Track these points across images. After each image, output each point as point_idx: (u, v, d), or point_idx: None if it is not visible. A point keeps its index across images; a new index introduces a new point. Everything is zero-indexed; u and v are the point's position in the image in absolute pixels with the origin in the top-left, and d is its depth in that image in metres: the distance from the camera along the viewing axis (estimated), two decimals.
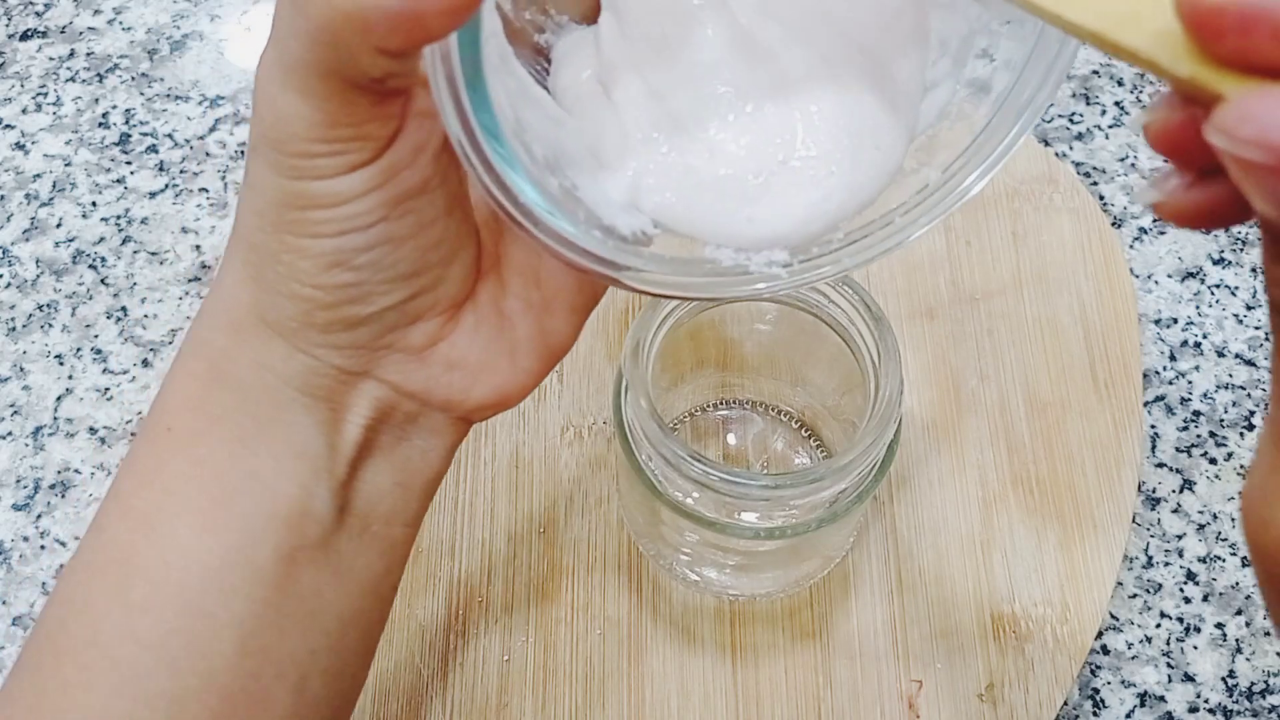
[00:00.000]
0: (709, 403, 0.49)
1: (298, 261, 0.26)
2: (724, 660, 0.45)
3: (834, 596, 0.46)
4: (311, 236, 0.25)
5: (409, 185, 0.26)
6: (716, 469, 0.36)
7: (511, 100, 0.25)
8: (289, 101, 0.24)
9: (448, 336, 0.29)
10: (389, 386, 0.29)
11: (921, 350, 0.51)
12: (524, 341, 0.30)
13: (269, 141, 0.25)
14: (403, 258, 0.26)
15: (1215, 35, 0.18)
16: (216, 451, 0.28)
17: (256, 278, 0.27)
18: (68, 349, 0.53)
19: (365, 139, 0.24)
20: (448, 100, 0.22)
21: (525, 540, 0.47)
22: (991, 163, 0.27)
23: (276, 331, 0.27)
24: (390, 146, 0.25)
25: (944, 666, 0.44)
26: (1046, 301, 0.52)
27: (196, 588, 0.27)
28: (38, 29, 0.62)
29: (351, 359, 0.28)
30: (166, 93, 0.60)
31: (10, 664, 0.46)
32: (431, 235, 0.27)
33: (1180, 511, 0.49)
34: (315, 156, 0.24)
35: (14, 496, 0.49)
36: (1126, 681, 0.45)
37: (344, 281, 0.26)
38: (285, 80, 0.23)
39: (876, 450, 0.37)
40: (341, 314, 0.27)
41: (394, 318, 0.27)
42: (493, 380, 0.30)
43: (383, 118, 0.24)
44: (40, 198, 0.57)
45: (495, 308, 0.29)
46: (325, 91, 0.23)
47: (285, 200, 0.25)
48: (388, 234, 0.26)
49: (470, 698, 0.44)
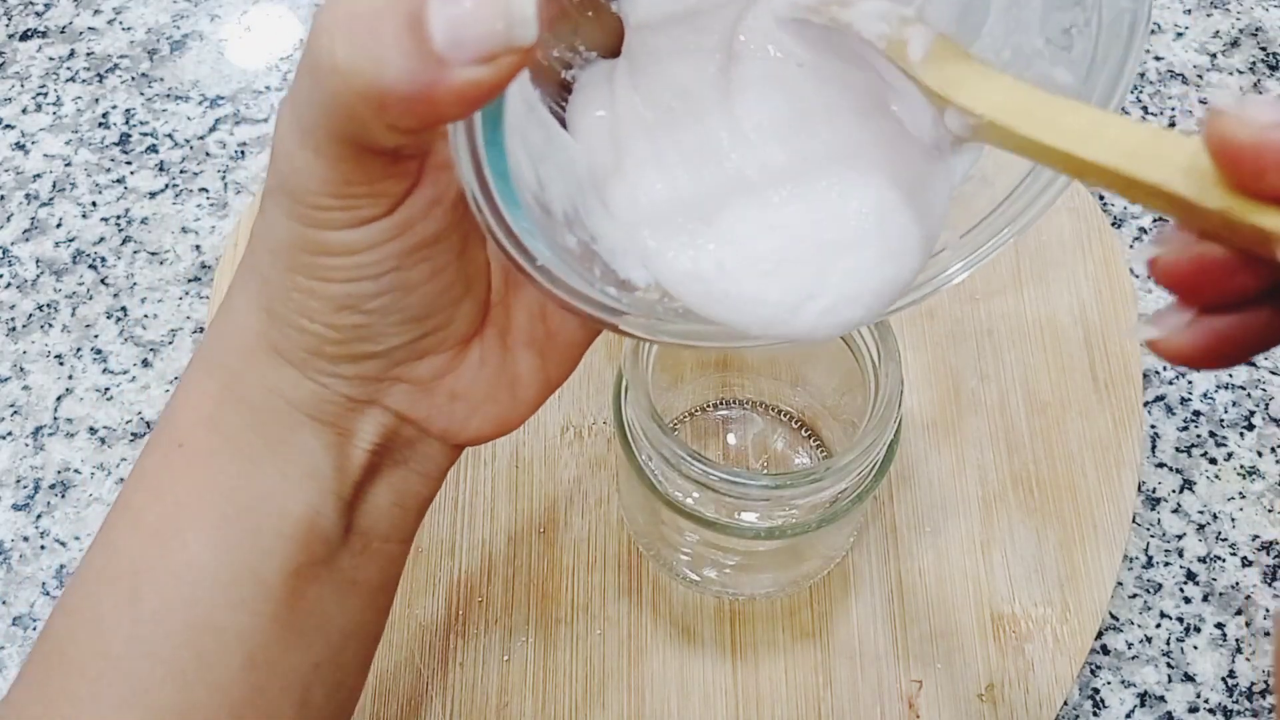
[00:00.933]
0: (709, 403, 0.49)
1: (308, 301, 0.26)
2: (724, 660, 0.45)
3: (834, 596, 0.46)
4: (322, 280, 0.25)
5: (423, 237, 0.25)
6: (716, 469, 0.36)
7: (534, 157, 0.25)
8: (304, 159, 0.24)
9: (454, 370, 0.29)
10: (393, 414, 0.29)
11: (921, 350, 0.51)
12: (526, 374, 0.30)
13: (285, 190, 0.25)
14: (414, 303, 0.27)
15: (1254, 173, 0.18)
16: (228, 469, 0.28)
17: (268, 309, 0.27)
18: (68, 349, 0.53)
19: (379, 195, 0.24)
20: (467, 167, 0.22)
21: (525, 540, 0.47)
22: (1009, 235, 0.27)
23: (286, 359, 0.27)
24: (404, 201, 0.25)
25: (944, 666, 0.44)
26: (1046, 301, 0.52)
27: (206, 601, 0.27)
28: (38, 29, 0.62)
29: (359, 389, 0.28)
30: (166, 93, 0.60)
31: (10, 663, 0.46)
32: (444, 280, 0.27)
33: (1180, 511, 0.49)
34: (329, 210, 0.24)
35: (14, 496, 0.49)
36: (1126, 681, 0.45)
37: (354, 323, 0.26)
38: (302, 140, 0.24)
39: (876, 450, 0.37)
40: (350, 350, 0.27)
41: (402, 354, 0.28)
42: (492, 411, 0.30)
43: (398, 176, 0.24)
44: (40, 198, 0.57)
45: (501, 342, 0.29)
46: (340, 154, 0.23)
47: (298, 244, 0.25)
48: (400, 282, 0.26)
49: (470, 698, 0.44)
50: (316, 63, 0.22)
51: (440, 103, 0.21)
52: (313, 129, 0.23)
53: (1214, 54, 0.61)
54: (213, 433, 0.28)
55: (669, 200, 0.26)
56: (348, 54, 0.21)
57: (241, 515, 0.28)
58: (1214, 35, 0.61)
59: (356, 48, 0.21)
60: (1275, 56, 0.60)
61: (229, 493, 0.28)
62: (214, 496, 0.28)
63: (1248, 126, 0.18)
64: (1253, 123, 0.18)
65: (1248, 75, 0.60)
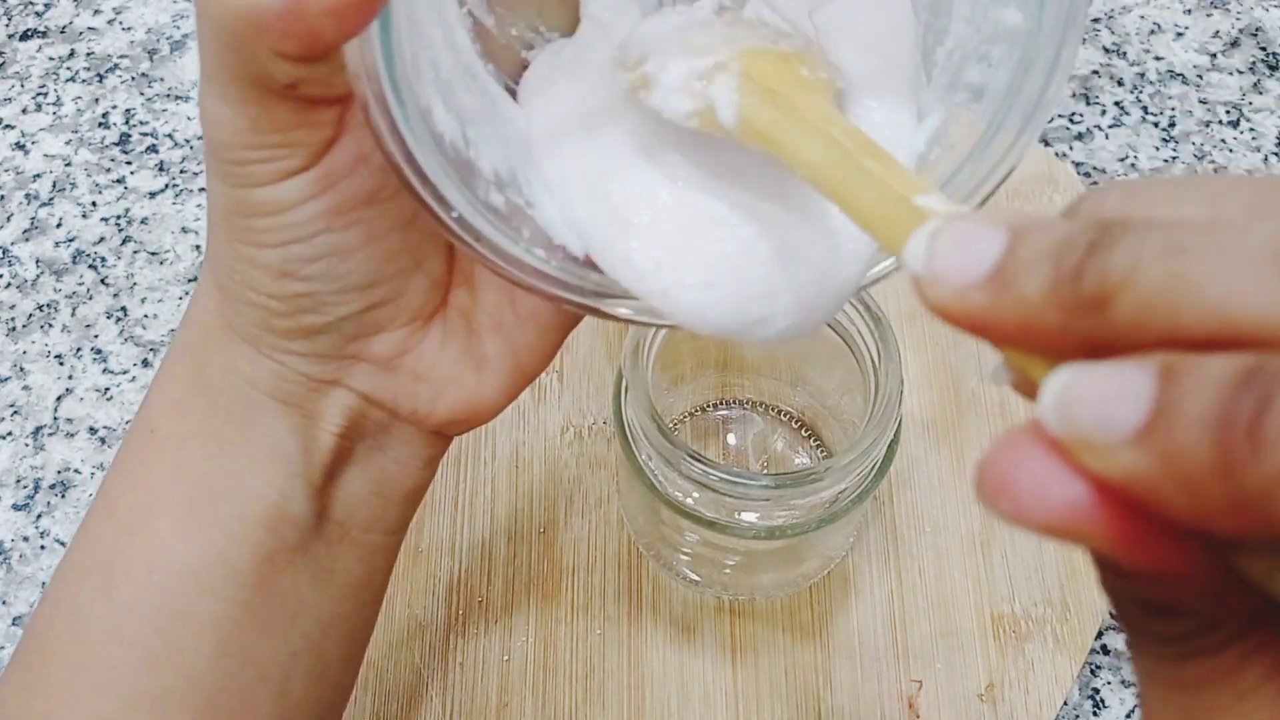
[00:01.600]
0: (709, 403, 0.49)
1: (249, 270, 0.26)
2: (724, 660, 0.45)
3: (834, 596, 0.46)
4: (258, 246, 0.25)
5: (351, 194, 0.25)
6: (716, 469, 0.36)
7: (463, 117, 0.24)
8: (215, 107, 0.24)
9: (414, 348, 0.29)
10: (358, 396, 0.29)
11: (921, 350, 0.51)
12: (493, 357, 0.29)
13: (210, 148, 0.25)
14: (353, 269, 0.26)
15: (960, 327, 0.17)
16: (196, 454, 0.28)
17: (220, 285, 0.27)
18: (68, 349, 0.53)
19: (295, 145, 0.24)
20: (376, 110, 0.22)
21: (525, 540, 0.47)
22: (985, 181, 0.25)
23: (242, 337, 0.27)
24: (326, 154, 0.25)
25: (944, 666, 0.44)
26: None
27: (177, 588, 0.27)
28: (38, 29, 0.62)
29: (317, 367, 0.28)
30: (166, 93, 0.60)
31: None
32: (385, 247, 0.27)
33: None
34: (248, 164, 0.24)
35: (14, 496, 0.49)
36: (1126, 681, 0.45)
37: (295, 291, 0.26)
38: (209, 86, 0.24)
39: (876, 450, 0.37)
40: (298, 322, 0.27)
41: (352, 327, 0.27)
42: (458, 394, 0.29)
43: (311, 124, 0.24)
44: (40, 198, 0.57)
45: (465, 321, 0.29)
46: (243, 97, 0.23)
47: (232, 208, 0.25)
48: (333, 245, 0.26)
49: (470, 698, 0.44)
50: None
51: (311, 16, 0.21)
52: (212, 72, 0.23)
53: (1214, 54, 0.61)
54: (181, 418, 0.28)
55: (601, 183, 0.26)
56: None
57: (210, 501, 0.28)
58: (1214, 35, 0.61)
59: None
60: (1275, 56, 0.60)
61: (198, 478, 0.28)
62: (183, 483, 0.28)
63: (935, 291, 0.17)
64: (938, 288, 0.17)
65: (1248, 75, 0.60)
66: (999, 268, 0.17)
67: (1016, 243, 0.17)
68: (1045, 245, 0.16)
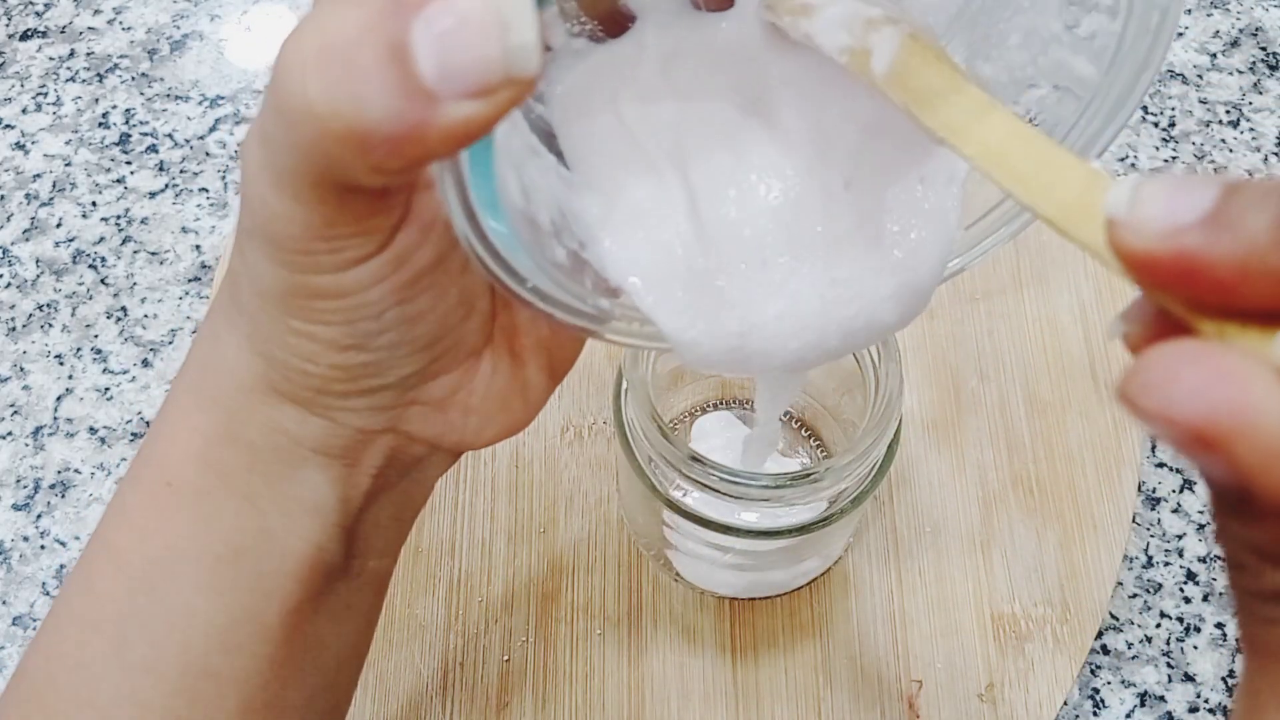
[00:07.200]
0: (709, 403, 0.49)
1: (307, 345, 0.24)
2: (724, 660, 0.45)
3: (834, 596, 0.46)
4: (321, 324, 0.23)
5: (422, 266, 0.24)
6: (716, 469, 0.36)
7: (516, 165, 0.23)
8: (281, 204, 0.21)
9: (467, 384, 0.27)
10: (404, 436, 0.27)
11: (921, 350, 0.51)
12: (534, 375, 0.28)
13: (264, 235, 0.22)
14: (422, 333, 0.25)
15: (1163, 285, 0.17)
16: (224, 509, 0.26)
17: (264, 354, 0.25)
18: (68, 349, 0.53)
19: (368, 234, 0.22)
20: (454, 199, 0.20)
21: (525, 540, 0.47)
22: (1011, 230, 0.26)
23: (289, 400, 0.26)
24: (397, 234, 0.23)
25: (944, 666, 0.44)
26: (1046, 301, 0.52)
27: (201, 648, 0.26)
28: (38, 29, 0.62)
29: (371, 419, 0.26)
30: (166, 93, 0.60)
31: (9, 663, 0.46)
32: (448, 302, 0.25)
33: (1180, 511, 0.49)
34: (316, 254, 0.22)
35: (14, 496, 0.49)
36: (1126, 681, 0.45)
37: (361, 361, 0.24)
38: (276, 184, 0.21)
39: (876, 450, 0.37)
40: (360, 385, 0.25)
41: (415, 380, 0.26)
42: (505, 420, 0.28)
43: (385, 211, 0.22)
44: (40, 198, 0.57)
45: (508, 348, 0.28)
46: (320, 198, 0.21)
47: (288, 290, 0.23)
48: (405, 316, 0.24)
49: (470, 698, 0.44)
50: (287, 103, 0.19)
51: (431, 142, 0.19)
52: (287, 173, 0.21)
53: (1214, 54, 0.61)
54: (205, 472, 0.26)
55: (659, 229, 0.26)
56: (322, 93, 0.19)
57: (238, 557, 0.26)
58: (1214, 35, 0.61)
59: (332, 85, 0.19)
60: (1275, 56, 0.60)
61: (224, 534, 0.26)
62: (208, 538, 0.26)
63: (1139, 236, 0.17)
64: (1144, 231, 0.17)
65: (1248, 75, 0.60)
66: (1215, 211, 0.17)
67: (1230, 192, 0.17)
68: (1263, 190, 0.17)
